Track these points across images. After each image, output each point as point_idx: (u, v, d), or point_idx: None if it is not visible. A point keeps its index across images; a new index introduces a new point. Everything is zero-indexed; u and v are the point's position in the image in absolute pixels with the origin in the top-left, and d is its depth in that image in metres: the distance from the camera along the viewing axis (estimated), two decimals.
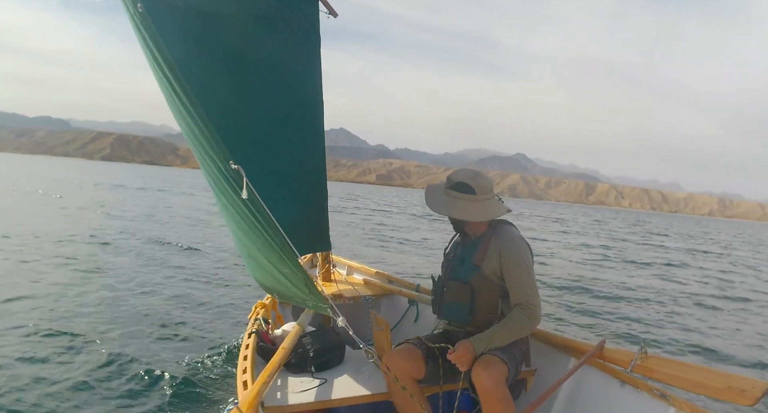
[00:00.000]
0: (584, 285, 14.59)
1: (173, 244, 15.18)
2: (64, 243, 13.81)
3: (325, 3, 4.98)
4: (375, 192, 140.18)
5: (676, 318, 11.40)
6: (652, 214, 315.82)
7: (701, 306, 13.28)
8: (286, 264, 3.60)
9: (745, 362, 8.00)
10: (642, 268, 20.90)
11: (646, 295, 14.01)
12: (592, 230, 47.96)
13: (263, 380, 3.29)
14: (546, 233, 36.75)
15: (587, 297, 12.93)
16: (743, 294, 16.38)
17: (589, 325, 9.64)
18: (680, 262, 25.04)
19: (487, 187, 3.51)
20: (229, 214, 4.01)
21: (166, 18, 3.92)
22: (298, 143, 5.04)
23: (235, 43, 4.55)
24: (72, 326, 7.20)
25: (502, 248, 3.45)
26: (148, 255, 13.15)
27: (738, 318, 12.14)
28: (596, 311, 11.13)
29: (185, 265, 12.38)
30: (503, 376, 3.25)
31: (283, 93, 4.90)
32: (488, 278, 3.48)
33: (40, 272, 10.30)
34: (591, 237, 37.51)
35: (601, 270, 19.00)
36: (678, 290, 15.74)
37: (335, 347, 4.25)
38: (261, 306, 5.04)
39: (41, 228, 15.94)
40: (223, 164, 3.28)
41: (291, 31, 4.83)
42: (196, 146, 3.59)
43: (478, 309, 3.53)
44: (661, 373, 3.23)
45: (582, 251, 25.92)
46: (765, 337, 10.05)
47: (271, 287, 4.57)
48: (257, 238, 3.63)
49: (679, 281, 17.96)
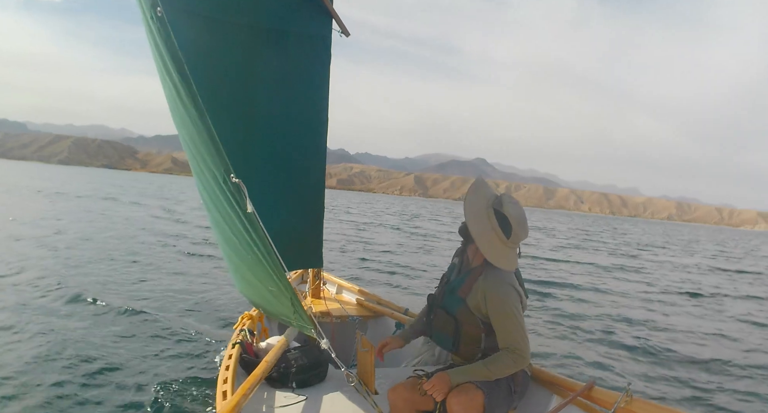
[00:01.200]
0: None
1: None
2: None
3: (339, 21, 4.95)
4: (338, 196, 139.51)
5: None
6: (615, 219, 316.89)
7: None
8: (274, 281, 3.53)
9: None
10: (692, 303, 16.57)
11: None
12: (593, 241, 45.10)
13: (243, 392, 3.24)
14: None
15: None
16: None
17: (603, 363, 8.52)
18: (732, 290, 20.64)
19: (524, 238, 3.39)
20: (219, 228, 3.93)
21: (182, 24, 3.86)
22: (299, 159, 5.00)
23: (247, 54, 4.51)
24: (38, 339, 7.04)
25: (487, 291, 3.31)
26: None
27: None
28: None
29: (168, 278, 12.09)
30: (477, 404, 3.16)
31: (289, 107, 4.85)
32: (472, 312, 3.38)
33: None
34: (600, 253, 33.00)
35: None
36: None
37: (319, 364, 4.21)
38: (247, 318, 4.97)
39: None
40: (223, 177, 3.20)
41: (302, 47, 4.81)
42: (195, 156, 3.51)
43: (462, 342, 3.46)
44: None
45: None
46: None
47: (258, 303, 4.52)
48: (247, 254, 3.56)
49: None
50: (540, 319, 11.15)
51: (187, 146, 3.65)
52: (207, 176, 3.46)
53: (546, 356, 8.25)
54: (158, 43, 3.22)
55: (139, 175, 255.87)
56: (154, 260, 14.02)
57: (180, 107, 3.29)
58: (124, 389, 5.59)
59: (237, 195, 3.20)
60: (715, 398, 7.21)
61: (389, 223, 42.51)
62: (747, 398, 7.36)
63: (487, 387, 3.23)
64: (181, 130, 3.58)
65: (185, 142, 3.62)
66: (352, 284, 6.61)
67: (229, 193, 3.25)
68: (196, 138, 3.29)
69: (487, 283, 3.33)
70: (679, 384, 7.63)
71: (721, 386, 7.74)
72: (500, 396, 3.32)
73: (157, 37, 3.19)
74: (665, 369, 8.45)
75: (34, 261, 12.33)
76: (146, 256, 14.49)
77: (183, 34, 3.61)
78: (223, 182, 3.23)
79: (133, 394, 5.48)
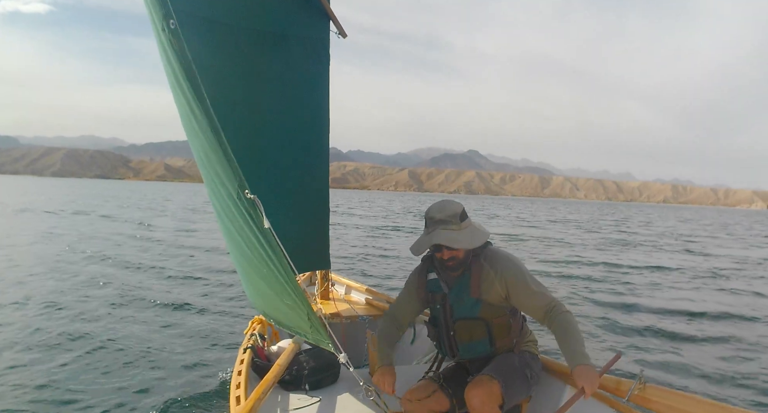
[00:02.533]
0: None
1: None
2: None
3: (336, 23, 4.91)
4: (335, 195, 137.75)
5: None
6: (616, 205, 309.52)
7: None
8: (290, 295, 3.40)
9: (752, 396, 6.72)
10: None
11: None
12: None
13: (257, 396, 3.19)
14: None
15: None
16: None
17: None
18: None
19: (463, 214, 3.32)
20: (234, 242, 3.77)
21: (193, 35, 3.82)
22: (304, 162, 4.97)
23: (249, 58, 4.48)
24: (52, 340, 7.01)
25: (498, 271, 3.24)
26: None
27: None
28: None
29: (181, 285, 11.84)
30: (495, 394, 3.07)
31: (292, 110, 4.83)
32: (494, 305, 3.29)
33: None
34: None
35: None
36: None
37: (331, 366, 4.11)
38: (258, 322, 4.86)
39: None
40: (237, 192, 3.06)
41: (302, 49, 4.78)
42: (209, 170, 3.39)
43: (497, 338, 3.38)
44: (660, 404, 3.05)
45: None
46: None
47: (273, 316, 4.45)
48: (262, 267, 3.43)
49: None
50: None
51: (200, 158, 3.53)
52: (220, 190, 3.33)
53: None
54: (170, 56, 3.13)
55: (132, 184, 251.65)
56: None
57: (192, 120, 3.20)
58: (135, 399, 5.52)
59: (252, 210, 3.09)
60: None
61: (405, 226, 36.48)
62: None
63: (502, 376, 3.15)
64: (194, 142, 3.48)
65: (198, 155, 3.53)
66: (360, 284, 6.54)
67: (243, 208, 3.14)
68: (209, 151, 3.19)
69: (494, 266, 3.28)
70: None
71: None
72: (517, 384, 3.24)
73: (168, 50, 3.10)
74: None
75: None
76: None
77: (194, 43, 3.57)
78: (238, 198, 3.11)
79: (145, 403, 5.41)
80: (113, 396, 5.57)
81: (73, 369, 6.32)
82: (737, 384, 6.96)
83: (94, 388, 5.76)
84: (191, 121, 3.21)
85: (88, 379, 6.02)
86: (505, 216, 57.48)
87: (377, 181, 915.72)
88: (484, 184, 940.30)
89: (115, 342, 7.28)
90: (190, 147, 3.61)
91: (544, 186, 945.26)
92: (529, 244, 25.30)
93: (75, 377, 6.07)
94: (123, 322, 8.30)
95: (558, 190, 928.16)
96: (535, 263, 17.95)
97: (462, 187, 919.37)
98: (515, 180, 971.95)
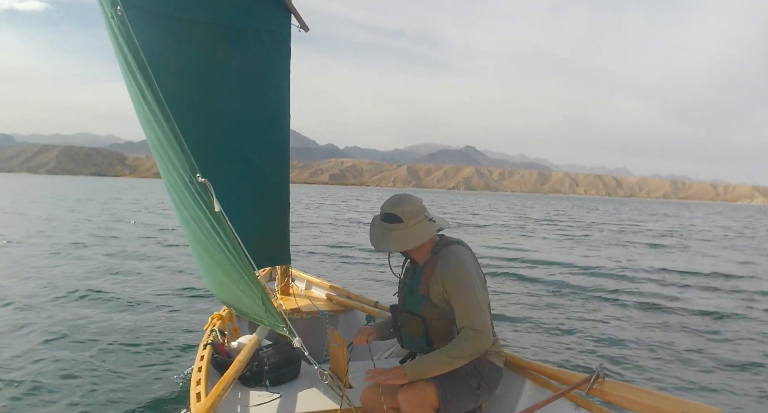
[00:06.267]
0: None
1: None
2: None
3: (298, 17, 4.93)
4: (334, 193, 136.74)
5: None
6: (618, 201, 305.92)
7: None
8: (245, 280, 3.48)
9: (704, 387, 6.84)
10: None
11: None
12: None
13: (217, 392, 3.20)
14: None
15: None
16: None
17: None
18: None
19: (414, 211, 3.28)
20: (189, 228, 3.89)
21: (142, 22, 3.79)
22: (262, 155, 4.96)
23: (206, 52, 4.49)
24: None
25: (444, 273, 3.23)
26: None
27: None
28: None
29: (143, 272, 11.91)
30: (430, 398, 3.08)
31: (250, 103, 4.82)
32: (437, 306, 3.27)
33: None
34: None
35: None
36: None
37: (291, 361, 4.18)
38: (218, 318, 4.93)
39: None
40: (189, 176, 3.17)
41: (261, 43, 4.79)
42: (162, 156, 3.48)
43: (434, 339, 3.33)
44: (617, 397, 3.18)
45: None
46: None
47: (229, 302, 4.49)
48: (217, 253, 3.52)
49: None
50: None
51: (153, 146, 3.60)
52: (174, 176, 3.42)
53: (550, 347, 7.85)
54: (120, 42, 3.19)
55: (127, 181, 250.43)
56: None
57: (144, 107, 3.26)
58: (96, 398, 5.46)
59: (204, 194, 3.16)
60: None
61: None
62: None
63: (440, 382, 3.13)
64: (147, 130, 3.54)
65: (151, 141, 3.58)
66: (321, 280, 6.62)
67: (196, 192, 3.20)
68: (161, 137, 3.24)
69: (444, 267, 3.24)
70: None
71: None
72: (459, 392, 3.21)
73: (118, 37, 3.16)
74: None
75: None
76: None
77: (144, 32, 3.57)
78: (190, 182, 3.19)
79: (104, 402, 5.36)
80: (71, 397, 5.47)
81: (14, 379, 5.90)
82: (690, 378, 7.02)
83: (49, 393, 5.61)
84: (143, 107, 3.31)
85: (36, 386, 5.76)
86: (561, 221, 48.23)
87: (375, 177, 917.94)
88: (483, 180, 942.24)
89: (66, 340, 7.28)
90: (144, 135, 3.68)
91: (543, 182, 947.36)
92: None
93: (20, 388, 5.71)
94: (72, 321, 8.20)
95: (557, 185, 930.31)
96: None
97: (461, 183, 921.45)
98: (514, 176, 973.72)
